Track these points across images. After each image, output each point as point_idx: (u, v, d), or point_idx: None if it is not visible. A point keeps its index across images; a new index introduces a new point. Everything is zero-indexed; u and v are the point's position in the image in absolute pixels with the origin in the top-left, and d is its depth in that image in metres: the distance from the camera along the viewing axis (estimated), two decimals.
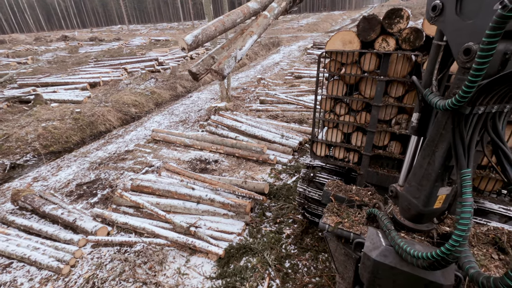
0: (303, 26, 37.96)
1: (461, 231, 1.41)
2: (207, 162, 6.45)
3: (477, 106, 1.39)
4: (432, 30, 2.40)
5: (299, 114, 8.60)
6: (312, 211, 3.94)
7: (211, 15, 8.90)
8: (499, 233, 2.18)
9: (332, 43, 2.78)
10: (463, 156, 1.49)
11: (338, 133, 3.28)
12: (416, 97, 2.70)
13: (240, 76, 14.84)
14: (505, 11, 1.08)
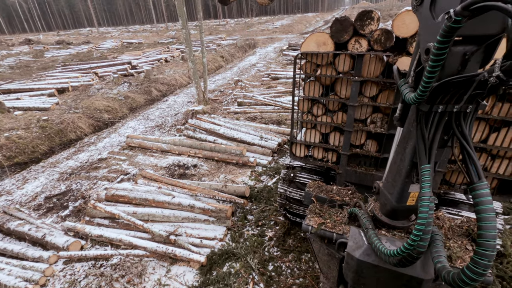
0: (278, 27, 38.39)
1: (420, 225, 1.43)
2: (185, 167, 6.30)
3: (436, 104, 1.42)
4: (400, 31, 2.47)
5: (277, 115, 8.65)
6: (294, 212, 3.94)
7: (185, 17, 8.74)
8: (471, 225, 2.30)
9: (307, 45, 2.80)
10: (423, 152, 1.52)
11: (316, 134, 3.30)
12: (391, 95, 2.79)
13: (217, 78, 14.72)
14: (450, 22, 1.11)
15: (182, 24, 8.69)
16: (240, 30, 38.47)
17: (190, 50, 9.06)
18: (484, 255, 1.25)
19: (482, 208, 1.29)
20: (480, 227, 1.29)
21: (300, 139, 3.43)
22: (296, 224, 4.24)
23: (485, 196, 1.30)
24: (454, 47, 1.30)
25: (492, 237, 1.25)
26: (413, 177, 1.73)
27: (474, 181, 1.36)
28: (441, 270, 1.46)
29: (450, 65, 1.33)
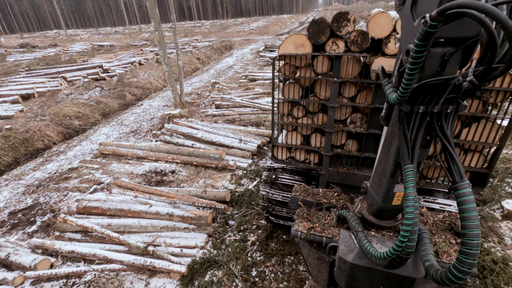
0: (254, 29, 38.51)
1: (407, 226, 1.45)
2: (163, 173, 6.10)
3: (417, 105, 1.44)
4: (375, 32, 2.52)
5: (256, 117, 8.61)
6: (277, 214, 3.91)
7: (158, 18, 8.50)
8: (453, 219, 2.38)
9: (285, 47, 2.77)
10: (406, 152, 1.54)
11: (298, 136, 3.29)
12: (369, 95, 2.83)
13: (193, 81, 14.47)
14: (426, 26, 1.13)
15: (155, 26, 8.44)
16: (216, 31, 38.19)
17: (164, 52, 8.82)
18: (469, 254, 1.27)
19: (465, 208, 1.30)
20: (464, 226, 1.30)
21: (281, 142, 3.40)
22: (279, 226, 4.21)
23: (467, 196, 1.32)
24: (433, 48, 1.31)
25: (475, 236, 1.27)
26: (398, 177, 1.75)
27: (456, 181, 1.38)
28: (430, 269, 1.49)
29: (429, 66, 1.34)
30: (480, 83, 1.20)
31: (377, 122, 2.90)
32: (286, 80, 3.13)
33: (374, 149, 3.07)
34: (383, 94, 2.69)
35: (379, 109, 2.84)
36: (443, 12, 1.07)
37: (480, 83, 1.20)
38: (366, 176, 3.13)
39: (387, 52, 2.57)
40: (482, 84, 1.21)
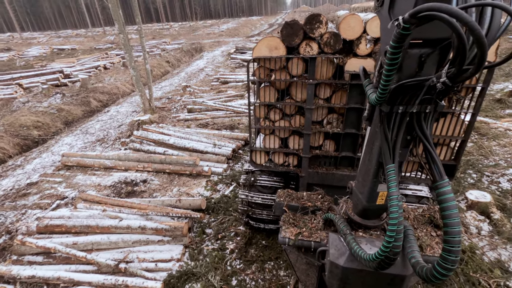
0: (224, 31, 38.32)
1: (392, 226, 1.46)
2: (134, 183, 5.78)
3: (396, 105, 1.46)
4: (347, 34, 2.54)
5: (230, 120, 8.49)
6: (257, 217, 3.83)
7: (122, 21, 8.10)
8: (432, 212, 2.49)
9: (259, 50, 2.72)
10: (388, 152, 1.55)
11: (276, 139, 3.25)
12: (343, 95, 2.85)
13: (163, 84, 14.02)
14: (400, 29, 1.14)
15: (119, 29, 8.04)
16: (185, 34, 37.48)
17: (131, 56, 8.43)
18: (451, 251, 1.30)
19: (446, 206, 1.33)
20: (445, 224, 1.32)
21: (259, 146, 3.34)
22: (258, 231, 4.14)
23: (447, 194, 1.34)
24: (410, 50, 1.33)
25: (457, 233, 1.29)
26: (381, 177, 1.77)
27: (437, 180, 1.41)
28: (416, 266, 1.51)
29: (408, 67, 1.36)
30: (453, 84, 1.22)
31: (352, 121, 2.94)
32: (260, 83, 3.09)
33: (351, 148, 3.11)
34: (357, 94, 2.75)
35: (354, 109, 2.88)
36: (415, 15, 1.08)
37: (453, 84, 1.22)
38: (345, 175, 3.16)
39: (358, 53, 2.61)
40: (454, 85, 1.23)
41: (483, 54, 1.02)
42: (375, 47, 2.58)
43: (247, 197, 3.71)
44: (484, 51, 1.01)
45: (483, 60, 1.04)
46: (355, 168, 3.18)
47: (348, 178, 3.13)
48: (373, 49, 2.59)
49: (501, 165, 5.43)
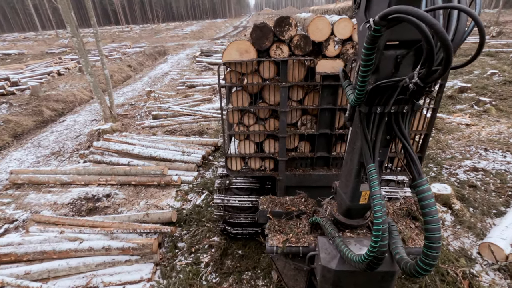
0: (188, 33, 37.56)
1: (377, 225, 1.48)
2: (96, 199, 5.34)
3: (374, 106, 1.49)
4: (316, 36, 2.55)
5: (198, 125, 8.24)
6: (234, 221, 3.71)
7: (75, 23, 7.51)
8: (409, 205, 2.58)
9: (229, 54, 2.64)
10: (368, 152, 1.59)
11: (251, 144, 3.17)
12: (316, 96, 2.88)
13: (125, 90, 13.31)
14: (371, 31, 1.17)
15: (71, 32, 7.44)
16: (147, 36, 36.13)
17: (86, 61, 7.85)
18: (432, 247, 1.35)
19: (425, 204, 1.36)
20: (425, 222, 1.36)
21: (234, 152, 3.24)
22: (234, 240, 4.01)
23: (426, 192, 1.38)
24: (386, 51, 1.37)
25: (437, 230, 1.34)
26: (362, 176, 1.81)
27: (416, 179, 1.45)
28: (400, 261, 1.58)
29: (384, 68, 1.41)
30: (424, 85, 1.25)
31: (326, 122, 2.98)
32: (231, 88, 3.01)
33: (326, 148, 3.16)
34: (329, 95, 2.80)
35: (326, 110, 2.92)
36: (384, 17, 1.11)
37: (424, 84, 1.24)
38: (321, 175, 3.19)
39: (327, 54, 2.64)
40: (426, 86, 1.25)
41: (449, 56, 1.05)
42: (343, 48, 2.63)
43: (223, 201, 3.60)
44: (450, 53, 1.04)
45: (449, 61, 1.07)
46: (330, 168, 3.23)
47: (325, 178, 3.17)
48: (341, 50, 2.64)
49: (457, 158, 5.82)
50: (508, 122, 7.12)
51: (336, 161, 3.22)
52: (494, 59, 13.63)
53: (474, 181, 5.05)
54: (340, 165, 3.22)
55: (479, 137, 6.50)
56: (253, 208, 3.60)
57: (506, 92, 9.16)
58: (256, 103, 2.96)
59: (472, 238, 3.92)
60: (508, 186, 4.86)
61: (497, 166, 5.39)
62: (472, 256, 3.65)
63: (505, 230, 3.69)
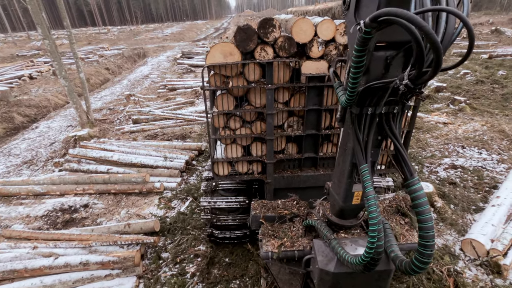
0: (169, 35, 36.90)
1: (373, 226, 1.48)
2: (72, 210, 5.05)
3: (365, 107, 1.50)
4: (300, 37, 2.54)
5: (180, 129, 8.04)
6: (222, 224, 3.62)
7: (46, 24, 7.13)
8: (397, 202, 2.63)
9: (212, 56, 2.58)
10: (360, 153, 1.59)
11: (238, 148, 3.12)
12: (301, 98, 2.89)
13: (103, 94, 12.84)
14: (361, 33, 1.18)
15: (43, 33, 7.06)
16: (125, 38, 35.17)
17: (60, 64, 7.47)
18: (426, 246, 1.37)
19: (418, 203, 1.38)
20: (419, 221, 1.37)
21: (221, 157, 3.17)
22: (223, 244, 3.91)
23: (418, 191, 1.40)
24: (376, 52, 1.38)
25: (430, 228, 1.36)
26: (355, 177, 1.82)
27: (408, 178, 1.48)
28: (395, 260, 1.61)
29: (375, 69, 1.42)
30: (415, 86, 1.25)
31: (312, 123, 2.99)
32: (215, 91, 2.95)
33: (313, 149, 3.16)
34: (315, 96, 2.82)
35: (313, 111, 2.92)
36: (375, 19, 1.12)
37: (414, 86, 1.25)
38: (309, 176, 3.20)
39: (312, 55, 2.65)
40: (416, 87, 1.26)
41: (439, 58, 1.06)
42: (326, 49, 2.65)
43: (210, 203, 3.53)
44: (439, 55, 1.05)
45: (439, 63, 1.08)
46: (318, 168, 3.25)
47: (313, 178, 3.20)
48: (325, 51, 2.67)
49: (437, 156, 5.99)
50: (482, 120, 7.43)
51: (323, 161, 3.24)
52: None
53: (454, 178, 5.20)
54: (327, 165, 3.25)
55: (456, 135, 6.73)
56: (240, 209, 3.56)
57: (479, 91, 9.59)
58: (242, 106, 2.93)
59: (454, 234, 4.02)
60: (485, 182, 5.04)
61: (474, 163, 5.59)
62: (455, 253, 3.72)
63: (485, 226, 3.80)
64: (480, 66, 12.70)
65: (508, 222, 3.92)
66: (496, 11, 37.90)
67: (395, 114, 1.55)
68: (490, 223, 3.83)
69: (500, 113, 7.92)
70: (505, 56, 13.70)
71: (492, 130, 6.78)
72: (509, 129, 6.73)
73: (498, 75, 10.92)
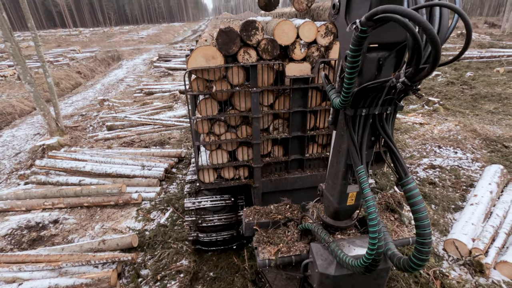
0: (144, 37, 35.93)
1: (373, 227, 1.48)
2: (40, 227, 4.64)
3: (360, 108, 1.51)
4: (282, 39, 2.53)
5: (159, 135, 7.73)
6: (208, 225, 3.47)
7: (7, 26, 6.60)
8: (386, 199, 2.67)
9: (194, 60, 2.51)
10: (356, 154, 1.60)
11: (223, 153, 3.06)
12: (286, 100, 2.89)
13: (75, 99, 12.17)
14: (358, 32, 1.18)
15: (4, 35, 6.52)
16: (98, 40, 33.79)
17: (24, 68, 6.94)
18: (424, 243, 1.38)
19: (414, 201, 1.39)
20: (416, 219, 1.39)
21: (206, 163, 3.09)
22: (209, 249, 3.76)
23: (413, 190, 1.42)
24: (369, 54, 1.40)
25: (427, 226, 1.37)
26: (349, 178, 1.82)
27: (402, 178, 1.49)
28: (392, 257, 1.62)
29: (367, 71, 1.44)
30: (412, 84, 1.25)
31: (297, 124, 3.00)
32: (196, 96, 2.87)
33: (299, 150, 3.17)
34: (299, 98, 2.85)
35: (297, 112, 2.93)
36: (371, 17, 1.12)
37: (412, 83, 1.25)
38: (297, 178, 3.21)
39: (294, 57, 2.66)
40: (413, 84, 1.26)
41: (437, 53, 1.05)
42: (309, 51, 2.68)
43: (195, 203, 3.43)
44: (438, 50, 1.04)
45: (437, 58, 1.08)
46: (305, 169, 3.26)
47: (300, 180, 3.22)
48: (307, 53, 2.68)
49: (416, 156, 6.13)
50: (455, 120, 7.73)
51: (309, 162, 3.26)
52: None
53: (433, 178, 5.32)
54: (314, 166, 3.29)
55: (433, 135, 6.94)
56: (226, 208, 3.49)
57: (450, 92, 10.01)
58: (226, 111, 2.87)
59: (437, 235, 4.07)
60: (462, 181, 5.20)
61: (450, 163, 5.77)
62: (439, 253, 3.76)
63: (465, 225, 3.88)
64: (449, 67, 13.33)
65: (486, 220, 4.02)
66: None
67: (388, 115, 1.57)
68: (470, 222, 3.91)
69: (470, 113, 8.29)
70: (471, 58, 14.49)
71: (465, 130, 7.06)
72: (480, 128, 7.04)
73: (466, 77, 11.49)
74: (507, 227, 3.88)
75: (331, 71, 2.79)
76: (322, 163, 3.32)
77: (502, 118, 7.84)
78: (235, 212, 3.57)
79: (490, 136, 6.65)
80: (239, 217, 3.56)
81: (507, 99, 9.04)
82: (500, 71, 11.93)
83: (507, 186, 4.80)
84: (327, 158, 3.27)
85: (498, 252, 3.57)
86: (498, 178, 4.74)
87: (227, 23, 5.05)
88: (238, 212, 3.59)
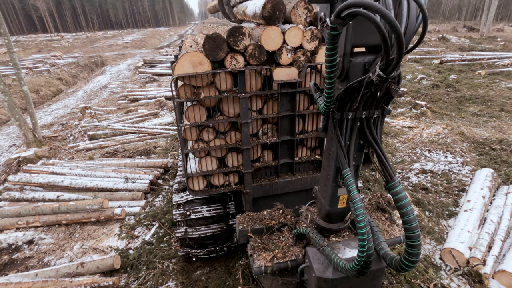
0: (129, 42, 35.27)
1: (362, 229, 1.48)
2: (13, 248, 4.28)
3: (346, 112, 1.54)
4: (269, 45, 2.53)
5: (144, 143, 7.43)
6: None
7: None
8: (376, 199, 2.71)
9: (181, 67, 2.47)
10: (343, 157, 1.62)
11: (212, 160, 3.02)
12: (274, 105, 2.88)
13: (55, 107, 11.66)
14: (329, 29, 1.22)
15: None
16: (81, 46, 32.90)
17: None
18: (413, 246, 1.41)
19: (401, 204, 1.42)
20: (404, 222, 1.41)
21: (195, 171, 3.01)
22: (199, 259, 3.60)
23: (401, 193, 1.45)
24: (354, 59, 1.46)
25: (415, 228, 1.39)
26: (339, 181, 1.84)
27: (389, 181, 1.51)
28: (385, 257, 1.65)
29: (353, 75, 1.48)
30: (386, 76, 1.26)
31: (286, 129, 3.01)
32: (182, 102, 2.88)
33: (289, 154, 3.18)
34: (287, 102, 2.87)
35: (286, 117, 2.95)
36: (339, 14, 1.16)
37: (386, 75, 1.26)
38: (287, 182, 3.22)
39: (282, 62, 2.67)
40: (388, 76, 1.26)
41: (399, 36, 1.06)
42: (295, 56, 2.67)
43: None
44: (399, 33, 1.05)
45: (401, 43, 1.08)
46: (295, 173, 3.26)
47: (290, 184, 3.24)
48: (294, 57, 2.68)
49: (407, 161, 6.08)
50: (443, 123, 7.78)
51: (299, 166, 3.27)
52: (420, 65, 15.22)
53: (425, 184, 5.26)
54: (303, 169, 3.31)
55: (422, 139, 6.94)
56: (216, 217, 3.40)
57: (436, 95, 10.15)
58: (214, 117, 2.82)
59: (433, 243, 3.98)
60: (453, 185, 5.16)
61: (441, 167, 5.74)
62: (436, 263, 3.66)
63: (461, 233, 3.80)
64: (433, 71, 13.59)
65: (481, 227, 3.96)
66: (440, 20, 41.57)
67: (375, 119, 1.59)
68: (466, 229, 3.83)
69: (457, 116, 8.39)
70: (454, 61, 14.84)
71: (453, 133, 7.10)
72: (468, 131, 7.10)
73: (450, 79, 11.72)
74: (502, 233, 3.82)
75: (318, 75, 2.80)
76: (312, 166, 3.34)
77: (487, 120, 7.96)
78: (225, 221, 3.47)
79: (478, 138, 6.70)
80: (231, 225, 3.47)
81: (490, 101, 9.22)
82: (482, 74, 12.24)
83: (498, 190, 4.79)
84: (316, 161, 3.30)
85: (496, 260, 3.50)
86: (489, 182, 4.71)
87: (211, 28, 4.90)
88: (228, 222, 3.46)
